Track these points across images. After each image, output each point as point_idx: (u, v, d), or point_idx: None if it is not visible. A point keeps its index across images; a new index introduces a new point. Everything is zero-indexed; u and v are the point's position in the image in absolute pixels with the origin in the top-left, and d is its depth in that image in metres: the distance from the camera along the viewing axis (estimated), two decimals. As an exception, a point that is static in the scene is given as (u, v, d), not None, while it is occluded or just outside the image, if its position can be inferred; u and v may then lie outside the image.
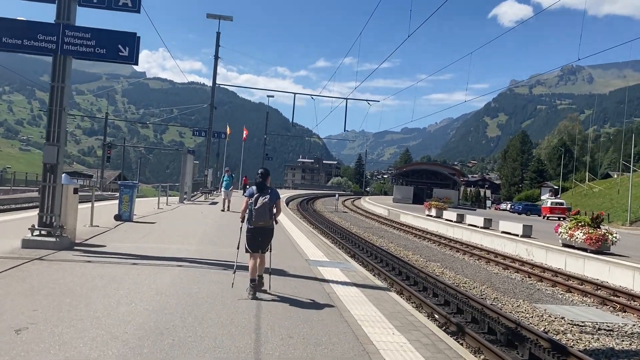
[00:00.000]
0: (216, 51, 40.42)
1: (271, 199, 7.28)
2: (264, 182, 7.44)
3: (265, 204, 7.22)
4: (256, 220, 7.27)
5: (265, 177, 7.52)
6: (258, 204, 7.21)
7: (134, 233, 13.17)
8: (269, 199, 7.26)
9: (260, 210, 7.22)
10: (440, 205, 35.52)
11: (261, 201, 7.21)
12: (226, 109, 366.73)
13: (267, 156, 79.05)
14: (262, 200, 7.21)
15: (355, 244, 20.57)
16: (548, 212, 54.37)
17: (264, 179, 7.46)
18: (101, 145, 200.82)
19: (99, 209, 18.46)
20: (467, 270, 16.41)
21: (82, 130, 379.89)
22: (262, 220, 7.28)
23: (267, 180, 7.53)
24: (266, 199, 7.23)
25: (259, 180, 7.43)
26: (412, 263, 16.60)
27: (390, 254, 17.86)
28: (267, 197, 7.25)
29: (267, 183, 7.48)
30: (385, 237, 25.53)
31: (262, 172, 7.52)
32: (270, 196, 7.28)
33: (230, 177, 24.40)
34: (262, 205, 7.21)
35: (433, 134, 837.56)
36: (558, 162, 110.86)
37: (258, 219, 7.26)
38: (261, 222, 7.29)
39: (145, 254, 9.96)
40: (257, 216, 7.24)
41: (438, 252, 21.26)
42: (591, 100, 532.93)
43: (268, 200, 7.24)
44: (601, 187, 72.98)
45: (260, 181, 7.42)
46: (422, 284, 12.79)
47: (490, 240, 24.19)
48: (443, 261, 18.19)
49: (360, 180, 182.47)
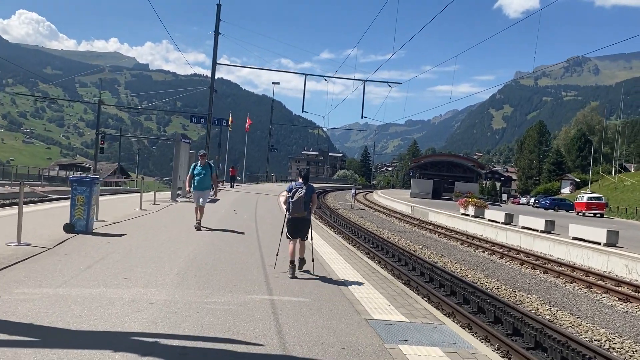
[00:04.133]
0: (217, 26, 35.36)
1: (307, 193, 8.23)
2: (304, 178, 8.35)
3: (301, 197, 8.16)
4: (293, 211, 8.23)
5: (304, 174, 8.45)
6: (295, 197, 8.17)
7: (77, 259, 8.14)
8: (305, 193, 8.20)
9: (296, 202, 8.15)
10: (480, 203, 30.42)
11: (298, 195, 8.17)
12: (229, 101, 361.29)
13: (273, 147, 74.01)
14: (298, 194, 8.16)
15: (405, 262, 15.17)
16: (584, 208, 48.96)
17: (302, 176, 8.42)
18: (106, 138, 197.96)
19: (57, 213, 13.55)
20: (600, 317, 11.18)
21: (85, 123, 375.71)
22: (297, 212, 8.21)
23: (304, 177, 8.39)
24: (302, 193, 8.18)
25: (303, 177, 8.38)
26: (532, 314, 9.90)
27: (480, 291, 11.39)
28: (303, 191, 8.20)
29: (306, 180, 8.37)
30: (432, 247, 20.27)
31: (305, 170, 8.57)
32: (306, 191, 8.23)
33: (208, 168, 13.59)
34: (299, 199, 8.14)
35: (437, 126, 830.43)
36: (578, 153, 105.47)
37: (295, 210, 8.21)
38: (297, 213, 8.22)
39: (46, 337, 4.90)
40: (294, 208, 8.19)
41: (515, 272, 16.00)
42: (597, 92, 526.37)
43: (304, 194, 8.18)
44: (633, 180, 67.54)
45: (303, 178, 8.36)
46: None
47: (564, 251, 19.05)
48: (537, 290, 12.98)
49: (367, 173, 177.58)
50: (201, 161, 13.44)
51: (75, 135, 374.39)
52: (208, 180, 13.37)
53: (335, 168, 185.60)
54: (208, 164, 13.58)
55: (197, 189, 13.22)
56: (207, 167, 13.43)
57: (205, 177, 13.26)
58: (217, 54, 35.20)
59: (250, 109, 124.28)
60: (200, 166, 13.33)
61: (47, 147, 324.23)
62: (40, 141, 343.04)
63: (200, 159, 13.50)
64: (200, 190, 13.23)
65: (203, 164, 13.39)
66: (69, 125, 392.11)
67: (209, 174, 13.40)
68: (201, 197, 13.19)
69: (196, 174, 13.25)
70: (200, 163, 13.40)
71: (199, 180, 13.20)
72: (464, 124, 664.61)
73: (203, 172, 13.27)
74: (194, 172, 13.28)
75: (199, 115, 38.31)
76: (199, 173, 13.24)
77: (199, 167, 13.33)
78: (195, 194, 13.39)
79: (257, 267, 8.66)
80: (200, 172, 13.24)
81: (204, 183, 13.26)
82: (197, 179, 13.21)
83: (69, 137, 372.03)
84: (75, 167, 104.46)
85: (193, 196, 13.63)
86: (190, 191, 13.89)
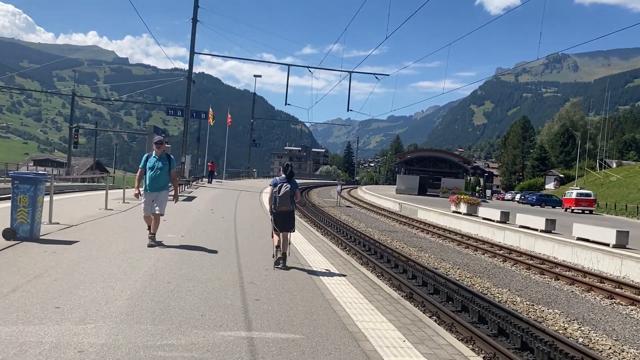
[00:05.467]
0: (195, 12, 33.47)
1: (292, 187, 8.45)
2: (287, 173, 8.49)
3: (287, 191, 8.36)
4: (280, 205, 8.38)
5: (287, 169, 8.56)
6: (281, 192, 8.35)
7: (4, 277, 6.37)
8: (290, 187, 8.41)
9: (283, 197, 8.34)
10: (473, 200, 28.94)
11: (284, 189, 8.35)
12: (210, 96, 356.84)
13: (255, 142, 72.16)
14: (284, 189, 8.35)
15: (403, 268, 13.48)
16: (573, 205, 47.91)
17: (286, 171, 8.54)
18: (84, 133, 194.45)
19: (6, 214, 11.64)
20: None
21: (63, 118, 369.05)
22: (284, 205, 8.39)
23: (289, 173, 8.55)
24: (288, 188, 8.38)
25: (286, 172, 8.50)
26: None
27: (500, 309, 9.54)
28: (288, 186, 8.40)
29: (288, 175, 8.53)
30: (428, 250, 18.58)
31: (287, 165, 8.63)
32: (291, 185, 8.44)
33: (166, 161, 9.82)
34: (285, 193, 8.34)
35: (419, 122, 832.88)
36: (561, 149, 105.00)
37: (281, 204, 8.38)
38: (284, 207, 8.40)
39: None
40: (281, 202, 8.36)
41: (525, 279, 14.48)
42: (576, 88, 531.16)
43: (289, 189, 8.39)
44: (619, 176, 66.86)
45: (286, 173, 8.49)
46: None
47: (569, 253, 17.60)
48: (557, 303, 11.50)
49: (350, 168, 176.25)
50: (157, 151, 9.65)
51: (54, 130, 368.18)
52: (165, 177, 9.72)
53: (318, 164, 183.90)
54: (166, 156, 9.81)
55: (151, 190, 9.56)
56: (164, 159, 9.70)
57: (162, 173, 9.64)
58: (195, 43, 33.28)
59: (232, 103, 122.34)
60: (155, 158, 9.64)
61: (24, 142, 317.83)
62: (17, 136, 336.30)
63: (156, 148, 9.67)
64: (154, 191, 9.57)
65: (159, 154, 9.67)
66: (46, 120, 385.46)
67: (167, 170, 9.72)
68: (155, 202, 9.57)
69: (149, 168, 9.61)
70: (155, 154, 9.68)
71: (153, 177, 9.56)
72: (446, 120, 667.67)
73: (159, 166, 9.60)
74: (147, 166, 9.66)
75: (176, 107, 36.32)
76: (153, 167, 9.58)
77: (153, 158, 9.65)
78: (146, 196, 9.60)
79: (233, 285, 6.99)
80: (155, 167, 9.58)
81: (159, 181, 9.61)
82: (150, 176, 9.57)
83: (46, 132, 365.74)
84: (51, 162, 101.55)
85: (144, 200, 9.68)
86: (140, 193, 9.83)
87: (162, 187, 9.67)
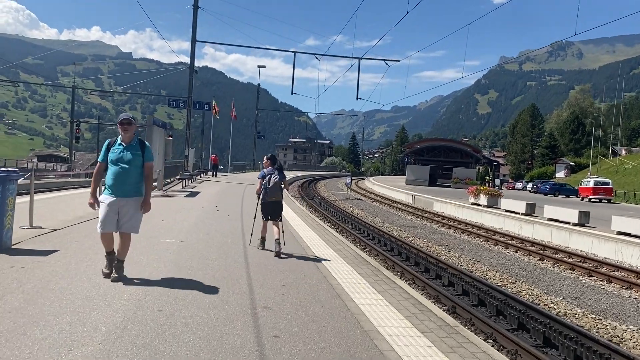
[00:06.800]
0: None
1: (280, 178, 8.73)
2: (277, 166, 8.89)
3: (277, 182, 8.66)
4: (270, 195, 8.67)
5: (275, 161, 8.97)
6: (271, 183, 8.63)
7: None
8: (279, 178, 8.70)
9: (273, 187, 8.64)
10: (494, 192, 27.27)
11: (273, 180, 8.63)
12: (214, 89, 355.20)
13: (259, 134, 70.58)
14: (274, 180, 8.63)
15: (436, 273, 11.97)
16: (590, 193, 45.97)
17: (274, 162, 8.92)
18: (90, 128, 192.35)
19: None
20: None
21: (68, 113, 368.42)
22: (275, 196, 8.68)
23: (278, 165, 8.95)
24: (277, 178, 8.66)
25: (275, 164, 8.89)
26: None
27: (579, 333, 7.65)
28: (277, 177, 8.68)
29: (281, 167, 8.95)
30: (457, 249, 16.82)
31: (273, 157, 9.07)
32: (279, 176, 8.72)
33: (138, 151, 6.22)
34: (275, 184, 8.64)
35: (423, 111, 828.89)
36: (571, 136, 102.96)
37: (272, 195, 8.66)
38: (274, 197, 8.69)
39: None
40: (271, 192, 8.65)
41: (576, 284, 12.64)
42: (580, 76, 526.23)
43: (279, 179, 8.69)
44: (634, 163, 64.92)
45: (274, 165, 8.88)
46: None
47: (613, 249, 15.87)
48: (630, 318, 9.85)
49: (355, 160, 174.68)
50: (124, 136, 6.27)
51: (59, 125, 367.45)
52: (136, 175, 6.25)
53: (323, 155, 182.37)
54: (138, 143, 6.33)
55: (115, 194, 6.13)
56: (135, 148, 6.26)
57: (132, 169, 6.21)
58: (196, 30, 31.64)
59: (236, 96, 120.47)
60: (122, 146, 6.24)
61: (29, 138, 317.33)
62: (22, 132, 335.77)
63: (122, 132, 6.27)
64: (120, 196, 6.14)
65: (128, 141, 6.27)
66: (51, 115, 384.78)
67: (140, 164, 6.27)
68: (122, 214, 6.17)
69: (112, 161, 6.21)
70: (122, 140, 6.28)
71: (117, 173, 6.16)
72: (450, 110, 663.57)
73: (128, 158, 6.19)
74: (109, 159, 6.24)
75: (177, 98, 34.70)
76: (118, 160, 6.19)
77: (119, 147, 6.25)
78: (107, 203, 6.12)
79: (243, 311, 5.42)
80: (121, 159, 6.19)
81: (127, 181, 6.18)
82: (114, 173, 6.17)
83: (52, 127, 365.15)
84: (55, 157, 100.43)
85: (103, 210, 6.11)
86: (97, 199, 6.32)
87: (132, 190, 6.23)
